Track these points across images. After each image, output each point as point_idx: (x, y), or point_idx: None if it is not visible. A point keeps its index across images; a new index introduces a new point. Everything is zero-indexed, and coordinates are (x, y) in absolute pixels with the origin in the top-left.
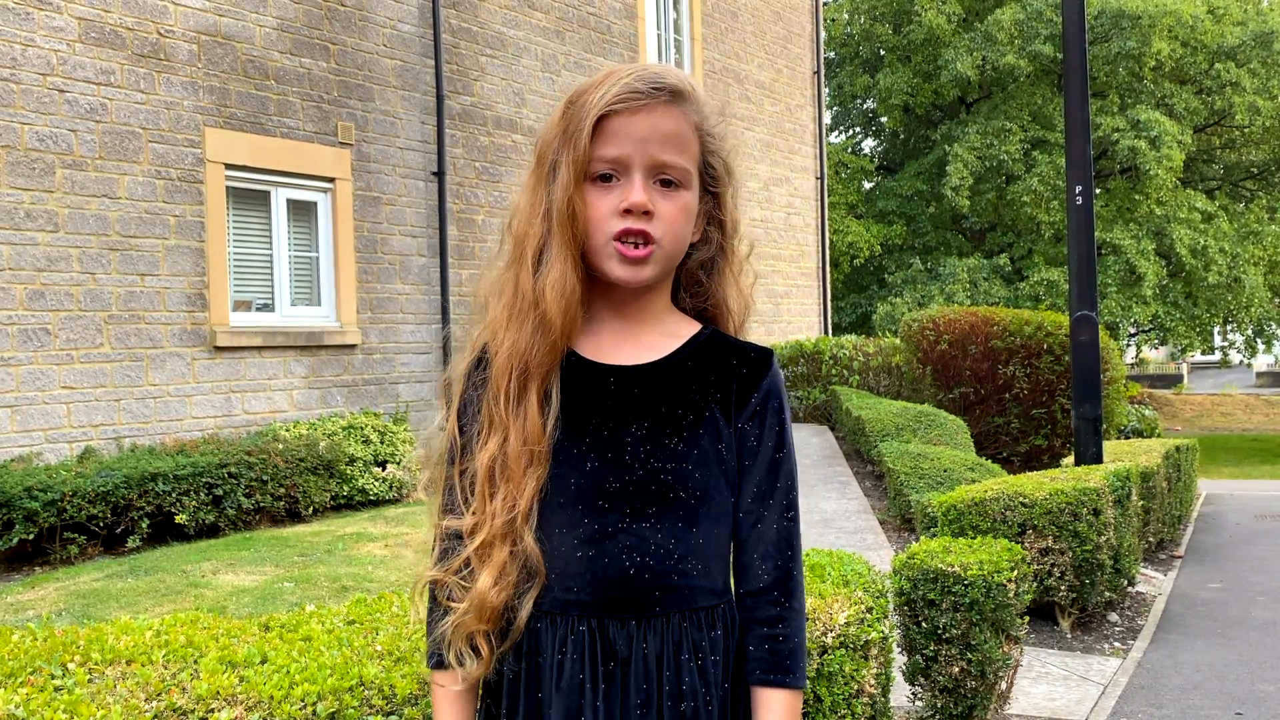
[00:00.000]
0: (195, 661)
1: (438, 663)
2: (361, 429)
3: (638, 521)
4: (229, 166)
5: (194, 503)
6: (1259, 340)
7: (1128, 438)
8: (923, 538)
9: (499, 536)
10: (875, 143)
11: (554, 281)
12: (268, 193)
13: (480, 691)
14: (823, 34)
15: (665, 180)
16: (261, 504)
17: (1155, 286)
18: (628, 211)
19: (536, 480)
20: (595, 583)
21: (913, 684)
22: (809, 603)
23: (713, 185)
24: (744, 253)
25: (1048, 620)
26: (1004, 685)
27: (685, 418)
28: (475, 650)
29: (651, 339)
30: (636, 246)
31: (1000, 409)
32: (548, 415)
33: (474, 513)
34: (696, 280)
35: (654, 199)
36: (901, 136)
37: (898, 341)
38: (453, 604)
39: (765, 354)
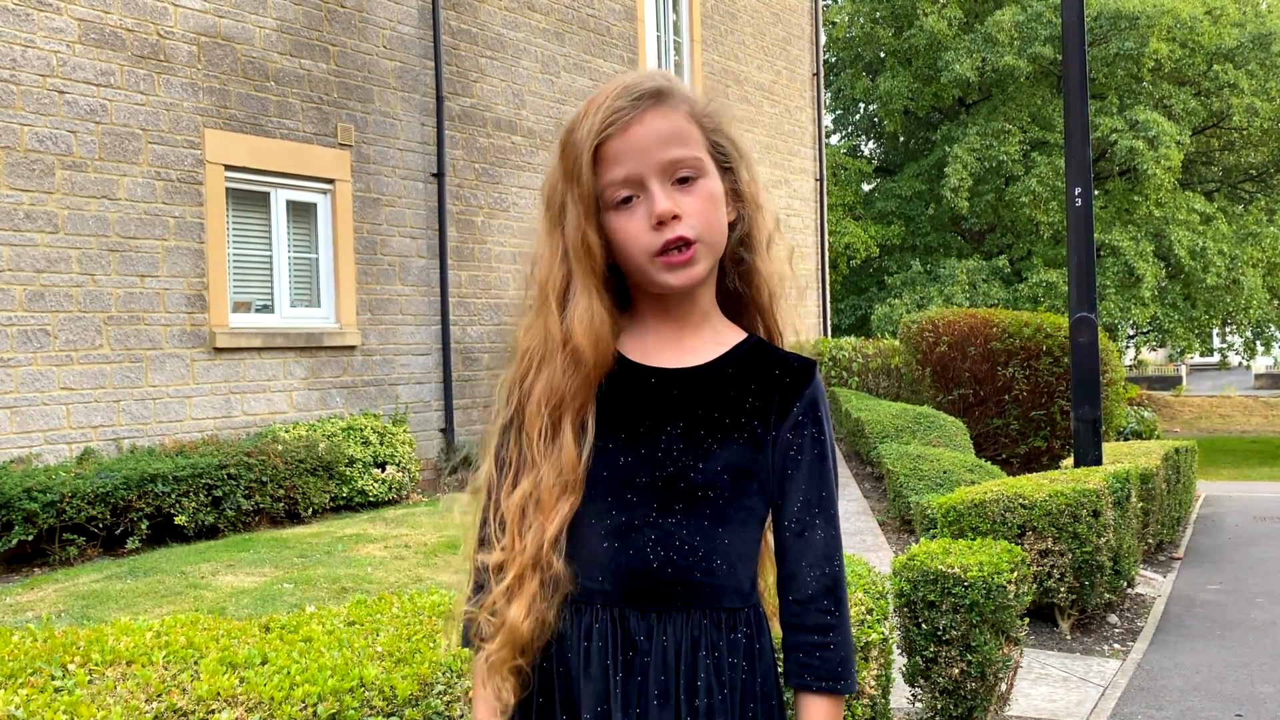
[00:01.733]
0: (195, 662)
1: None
2: (361, 430)
3: (664, 516)
4: (229, 168)
5: (193, 504)
6: (1258, 342)
7: (1127, 439)
8: (922, 539)
9: (529, 567)
10: (875, 144)
11: (580, 316)
12: (267, 194)
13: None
14: (822, 36)
15: (682, 178)
16: (261, 505)
17: (1154, 288)
18: (659, 223)
19: (570, 507)
20: (619, 573)
21: (912, 685)
22: None
23: (726, 161)
24: (769, 223)
25: (1047, 622)
26: (1004, 687)
27: (722, 422)
28: (515, 675)
29: (696, 344)
30: (680, 252)
31: (999, 410)
32: (583, 445)
33: (504, 549)
34: (739, 259)
35: (678, 200)
36: (901, 138)
37: (897, 343)
38: (483, 642)
39: (808, 365)
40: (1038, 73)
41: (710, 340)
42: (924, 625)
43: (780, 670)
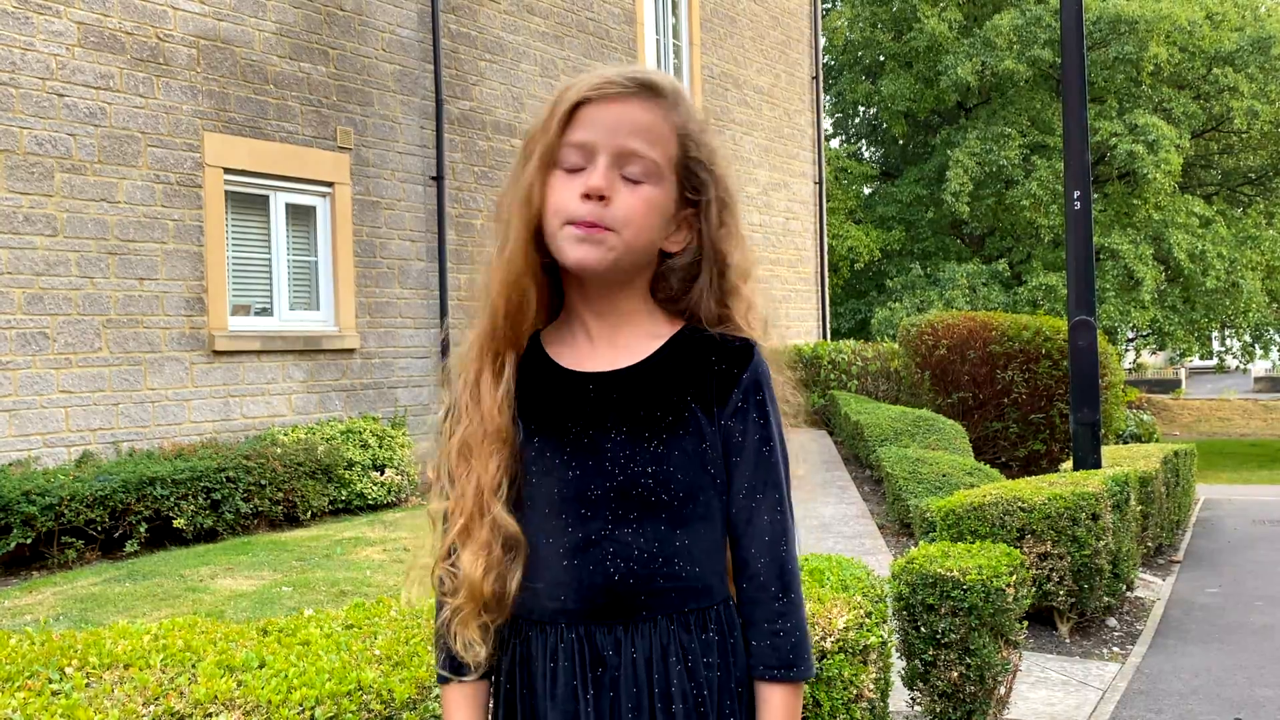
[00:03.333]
0: (193, 666)
1: (448, 664)
2: (360, 433)
3: (620, 527)
4: (228, 171)
5: (192, 507)
6: (1256, 345)
7: (1126, 443)
8: (921, 542)
9: (473, 515)
10: (875, 149)
11: (504, 263)
12: (266, 197)
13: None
14: (821, 39)
15: (632, 175)
16: (259, 508)
17: (1153, 291)
18: (585, 197)
19: (499, 456)
20: (581, 591)
21: (911, 689)
22: (807, 607)
23: (693, 193)
24: (734, 278)
25: (1046, 625)
26: (1003, 690)
27: (664, 420)
28: (483, 635)
29: (629, 341)
30: (590, 227)
31: (999, 414)
32: (498, 390)
33: (446, 496)
34: (669, 286)
35: (616, 187)
36: (901, 142)
37: (896, 346)
38: (446, 597)
39: (745, 346)
40: (1037, 76)
41: (644, 335)
42: (923, 628)
43: None
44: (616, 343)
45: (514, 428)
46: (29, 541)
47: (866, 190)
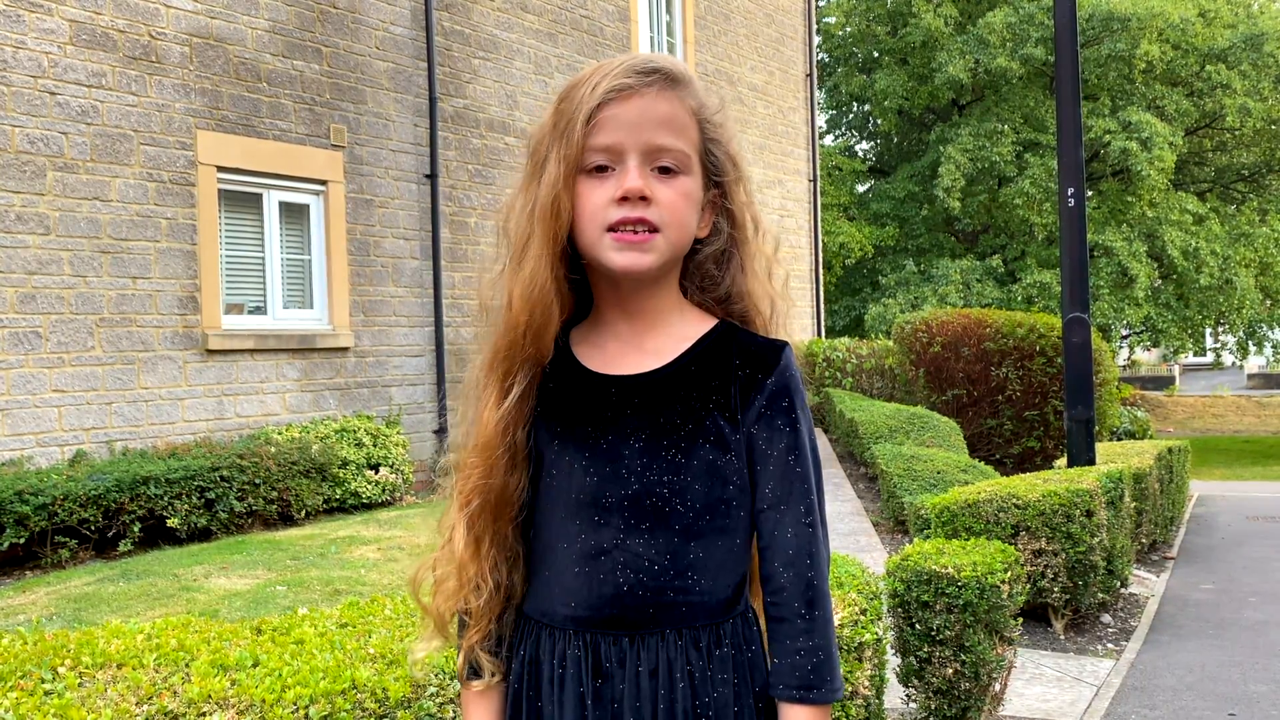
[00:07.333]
0: (187, 665)
1: (467, 671)
2: (354, 432)
3: (631, 537)
4: (221, 169)
5: (186, 506)
6: (1250, 342)
7: (1120, 439)
8: (916, 539)
9: (459, 509)
10: (869, 145)
11: (523, 277)
12: (260, 195)
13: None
14: (815, 37)
15: (664, 167)
16: (254, 507)
17: (1147, 288)
18: (624, 199)
19: (485, 464)
20: (590, 599)
21: (907, 686)
22: None
23: (717, 175)
24: (767, 248)
25: (1041, 622)
26: (997, 687)
27: (684, 427)
28: (494, 649)
29: (658, 343)
30: (636, 232)
31: (993, 411)
32: (503, 407)
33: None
34: (707, 274)
35: (652, 185)
36: (895, 139)
37: (891, 344)
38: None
39: (773, 349)
40: (1030, 74)
41: (674, 337)
42: (918, 625)
43: None
44: (644, 346)
45: (518, 442)
46: (22, 541)
47: (860, 187)
